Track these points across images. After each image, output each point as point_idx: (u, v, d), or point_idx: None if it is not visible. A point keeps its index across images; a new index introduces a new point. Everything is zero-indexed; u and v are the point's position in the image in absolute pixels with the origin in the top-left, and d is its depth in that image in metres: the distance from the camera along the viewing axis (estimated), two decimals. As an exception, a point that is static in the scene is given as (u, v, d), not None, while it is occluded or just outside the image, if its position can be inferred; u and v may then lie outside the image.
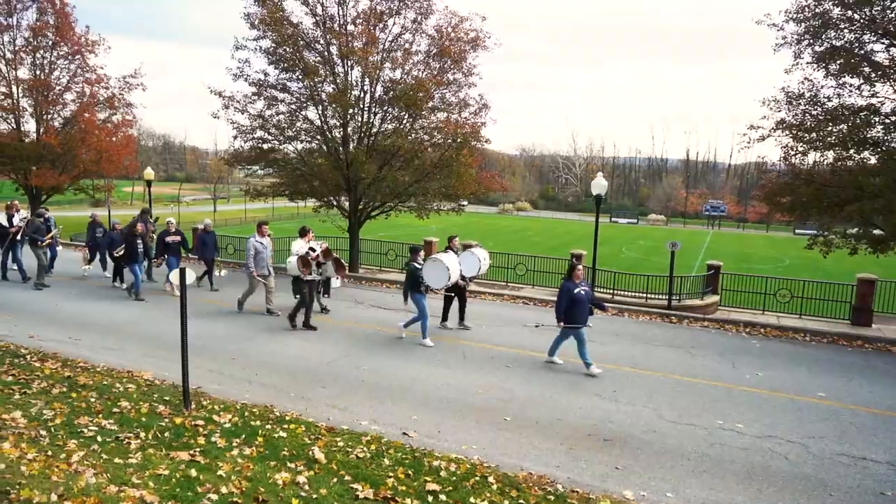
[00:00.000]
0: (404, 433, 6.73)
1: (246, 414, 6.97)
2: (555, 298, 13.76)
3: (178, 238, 14.27)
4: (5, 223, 14.82)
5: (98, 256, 16.07)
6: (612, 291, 15.78)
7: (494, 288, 16.09)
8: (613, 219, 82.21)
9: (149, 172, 22.74)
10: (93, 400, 7.06)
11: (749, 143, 14.21)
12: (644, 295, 15.37)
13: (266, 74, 17.72)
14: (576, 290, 9.27)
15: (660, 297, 15.09)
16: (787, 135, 13.62)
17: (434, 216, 18.83)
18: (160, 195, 71.32)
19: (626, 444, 6.68)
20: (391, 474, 5.57)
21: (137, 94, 27.02)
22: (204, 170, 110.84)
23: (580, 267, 9.75)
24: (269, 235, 12.77)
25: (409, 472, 5.65)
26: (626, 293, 15.73)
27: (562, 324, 9.30)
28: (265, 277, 12.16)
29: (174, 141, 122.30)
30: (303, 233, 11.76)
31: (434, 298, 11.76)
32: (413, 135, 17.86)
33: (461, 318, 11.79)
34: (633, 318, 13.44)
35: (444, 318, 11.77)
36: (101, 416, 6.55)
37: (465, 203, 19.80)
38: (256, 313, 12.33)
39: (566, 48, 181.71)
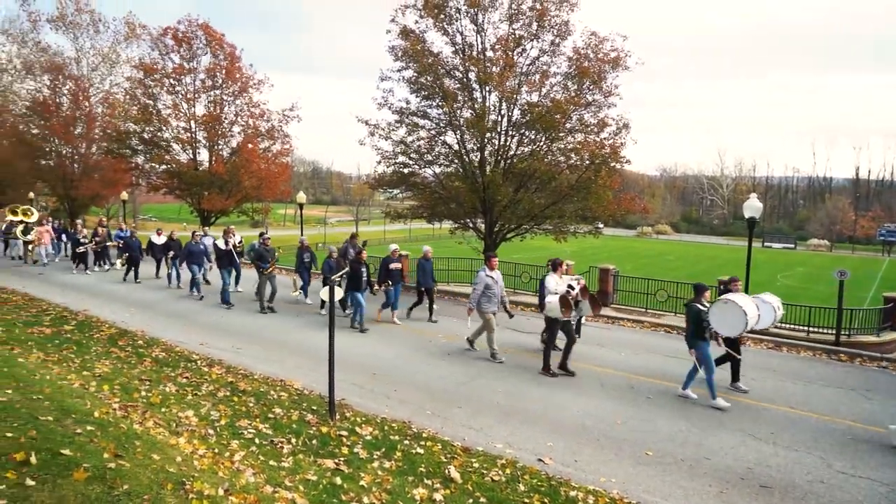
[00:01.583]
0: (539, 459, 6.61)
1: (386, 428, 7.22)
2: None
3: (399, 265, 13.83)
4: (223, 246, 15.76)
5: (306, 283, 15.99)
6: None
7: (633, 314, 15.42)
8: (767, 243, 75.80)
9: (301, 196, 24.66)
10: (251, 405, 7.68)
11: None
12: (805, 328, 13.90)
13: (408, 102, 18.61)
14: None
15: (824, 331, 13.56)
16: None
17: (570, 239, 18.50)
18: (309, 217, 76.83)
19: (788, 493, 6.03)
20: (526, 501, 5.49)
21: (293, 126, 29.43)
22: (347, 193, 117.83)
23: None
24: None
25: (545, 500, 5.53)
26: (783, 325, 14.34)
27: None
28: (489, 315, 10.65)
29: (322, 167, 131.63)
30: (556, 266, 10.43)
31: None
32: (549, 157, 17.76)
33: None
34: (793, 353, 12.20)
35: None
36: (258, 420, 7.11)
37: (602, 226, 19.23)
38: (388, 330, 12.80)
39: (709, 61, 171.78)
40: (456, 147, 18.44)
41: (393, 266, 13.58)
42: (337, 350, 7.50)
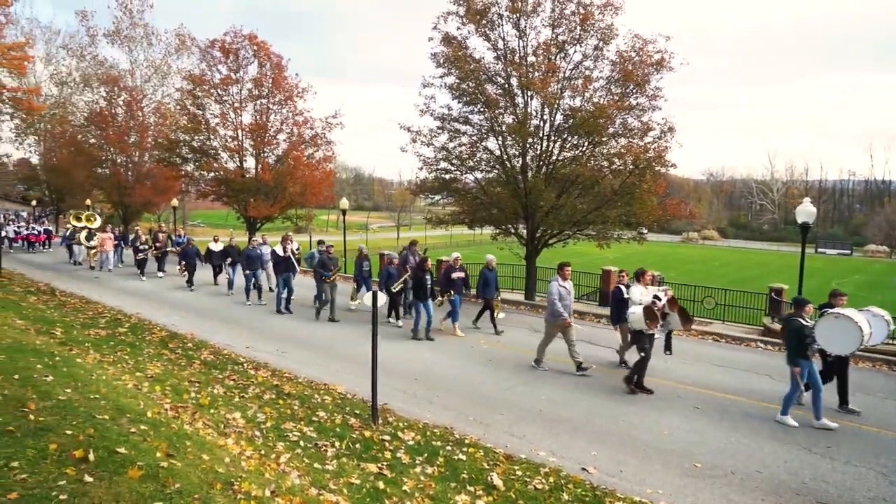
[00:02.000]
0: (583, 468, 6.51)
1: (428, 433, 7.24)
2: (751, 336, 12.61)
3: (462, 274, 13.45)
4: (281, 252, 15.64)
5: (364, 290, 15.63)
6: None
7: (679, 322, 15.05)
8: (820, 249, 72.93)
9: (344, 203, 25.02)
10: (296, 408, 7.81)
11: None
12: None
13: (449, 109, 18.65)
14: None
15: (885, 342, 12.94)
16: None
17: (614, 245, 18.22)
18: (351, 223, 77.88)
19: (846, 509, 5.78)
20: (571, 510, 5.41)
21: (336, 133, 30.00)
22: (389, 199, 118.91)
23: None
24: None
25: (590, 510, 5.44)
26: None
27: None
28: (567, 327, 10.28)
29: (364, 173, 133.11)
30: (640, 275, 9.96)
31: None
32: (592, 161, 17.55)
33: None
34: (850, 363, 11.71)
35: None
36: (302, 423, 7.22)
37: (646, 231, 18.86)
38: (438, 339, 12.83)
39: (757, 61, 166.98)
40: (497, 153, 18.39)
41: (455, 275, 13.26)
42: (379, 355, 7.56)
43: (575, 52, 17.23)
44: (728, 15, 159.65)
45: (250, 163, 29.29)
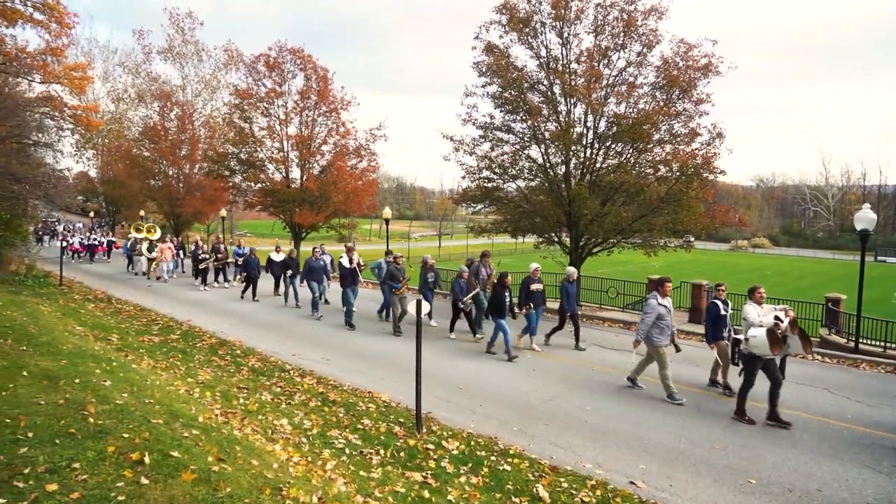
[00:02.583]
0: (631, 482, 6.36)
1: (472, 443, 7.20)
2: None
3: (541, 286, 12.67)
4: (347, 264, 14.91)
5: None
6: (883, 344, 13.31)
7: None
8: (880, 257, 69.82)
9: (387, 212, 25.28)
10: (341, 415, 7.89)
11: None
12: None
13: (492, 118, 18.70)
14: None
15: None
16: None
17: (660, 253, 17.86)
18: (393, 232, 78.62)
19: (913, 531, 5.48)
20: (619, 525, 5.29)
21: (380, 144, 30.39)
22: (430, 208, 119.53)
23: None
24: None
25: (639, 525, 5.31)
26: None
27: None
28: (662, 349, 9.37)
29: (406, 182, 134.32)
30: (753, 293, 9.00)
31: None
32: (637, 169, 17.28)
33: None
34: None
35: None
36: (347, 430, 7.28)
37: (693, 239, 18.41)
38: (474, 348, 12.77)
39: (810, 62, 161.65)
40: (540, 161, 18.31)
41: (534, 287, 12.42)
42: (426, 363, 7.58)
43: (618, 58, 17.10)
44: (777, 14, 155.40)
45: (296, 173, 29.95)
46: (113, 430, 4.80)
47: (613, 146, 17.39)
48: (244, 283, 18.93)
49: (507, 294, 11.77)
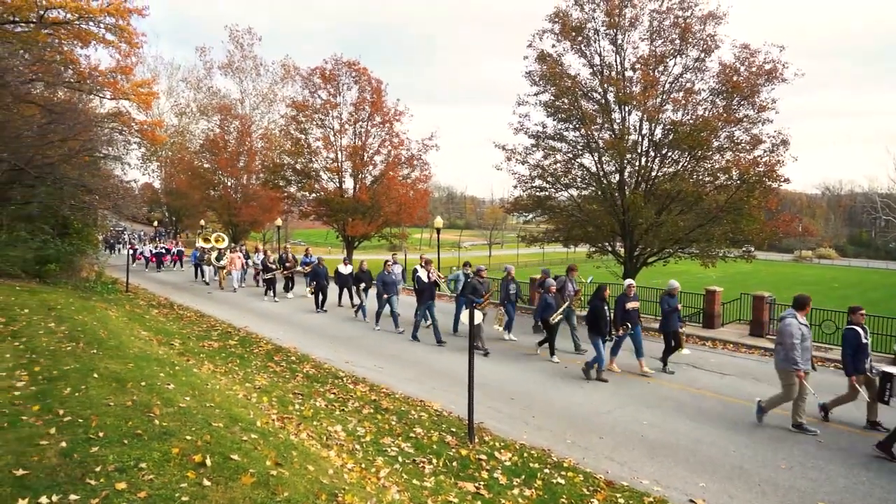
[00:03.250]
0: (691, 500, 6.14)
1: (525, 455, 7.10)
2: (880, 364, 11.49)
3: (637, 304, 11.85)
4: (425, 278, 14.10)
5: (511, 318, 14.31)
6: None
7: (794, 347, 13.97)
8: (957, 269, 65.82)
9: (438, 221, 25.45)
10: (393, 423, 7.92)
11: None
12: None
13: (544, 126, 18.62)
14: None
15: None
16: None
17: (718, 263, 17.29)
18: (443, 241, 79.01)
19: None
20: (680, 545, 5.11)
21: (431, 153, 30.71)
22: (481, 217, 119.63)
23: None
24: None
25: (701, 546, 5.11)
26: None
27: None
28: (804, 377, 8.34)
29: (456, 191, 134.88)
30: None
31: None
32: (695, 177, 16.83)
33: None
34: None
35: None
36: (400, 438, 7.30)
37: (753, 249, 17.74)
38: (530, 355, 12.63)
39: (881, 65, 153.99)
40: (593, 169, 18.10)
41: (630, 305, 11.53)
42: (478, 373, 7.54)
43: (675, 64, 16.76)
44: (841, 17, 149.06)
45: (349, 183, 30.53)
46: (176, 433, 4.96)
47: (670, 154, 17.02)
48: (314, 294, 18.26)
49: (606, 309, 10.99)
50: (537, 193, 19.02)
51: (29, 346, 7.86)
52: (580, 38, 17.41)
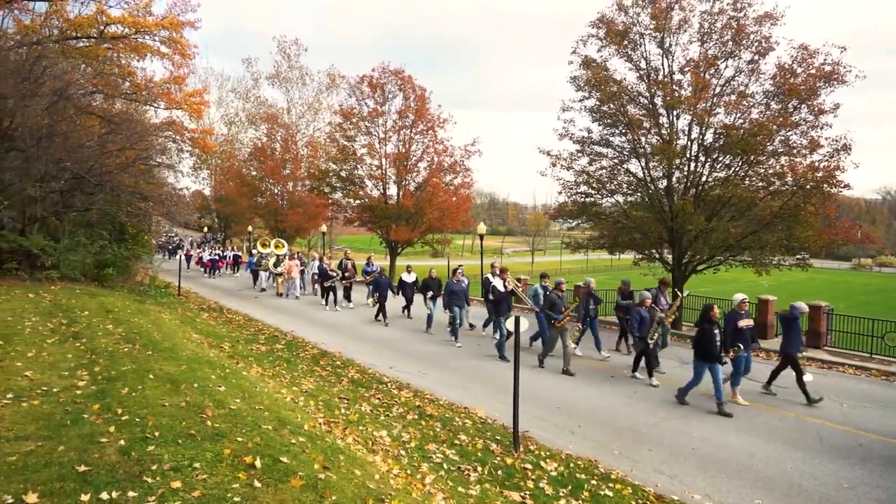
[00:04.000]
0: (747, 517, 5.92)
1: (571, 465, 6.99)
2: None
3: (751, 322, 10.24)
4: (501, 288, 13.29)
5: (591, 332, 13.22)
6: None
7: (854, 359, 13.39)
8: None
9: (481, 227, 25.36)
10: (438, 429, 7.90)
11: None
12: None
13: (589, 132, 18.41)
14: None
15: None
16: None
17: (772, 271, 16.70)
18: (486, 247, 78.85)
19: None
20: (736, 563, 4.92)
21: (474, 160, 30.74)
22: (523, 223, 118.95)
23: None
24: None
25: (759, 565, 4.91)
26: None
27: None
28: None
29: (498, 197, 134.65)
30: None
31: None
32: (747, 182, 16.32)
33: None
34: None
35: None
36: (444, 445, 7.28)
37: (808, 256, 17.04)
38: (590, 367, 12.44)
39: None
40: (640, 175, 17.78)
41: (743, 324, 9.99)
42: (522, 381, 7.46)
43: (726, 67, 16.30)
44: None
45: (392, 190, 30.82)
46: (228, 434, 5.06)
47: (721, 158, 16.55)
48: (377, 305, 17.37)
49: (716, 331, 9.57)
50: (582, 199, 18.79)
51: (89, 346, 8.18)
52: (625, 43, 17.17)
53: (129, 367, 7.08)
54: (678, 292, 13.61)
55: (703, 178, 16.90)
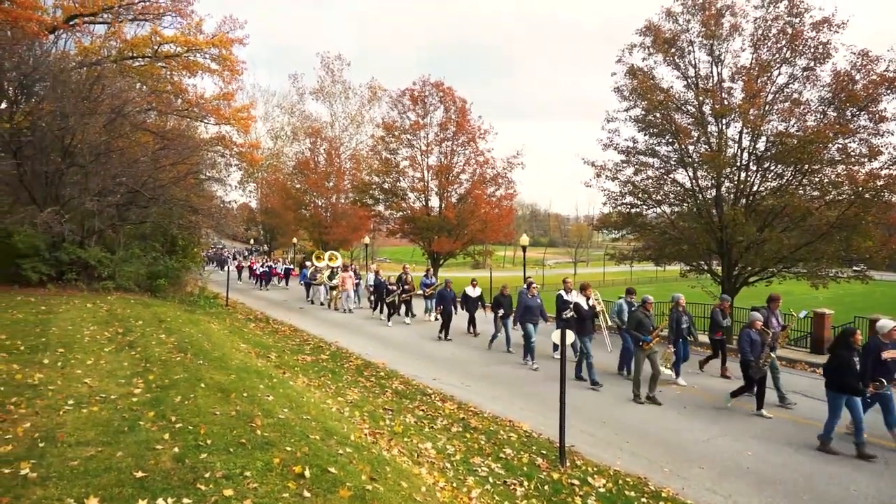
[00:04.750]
0: (809, 542, 5.64)
1: (620, 482, 6.81)
2: None
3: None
4: (586, 305, 11.81)
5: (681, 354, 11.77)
6: None
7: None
8: None
9: (524, 239, 25.23)
10: (482, 442, 7.82)
11: None
12: None
13: (635, 141, 18.14)
14: None
15: None
16: None
17: (830, 284, 16.01)
18: (528, 259, 78.35)
19: None
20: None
21: (517, 172, 30.60)
22: (565, 235, 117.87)
23: None
24: None
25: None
26: None
27: None
28: None
29: (539, 209, 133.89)
30: None
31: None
32: (801, 191, 15.75)
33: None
34: None
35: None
36: (490, 458, 7.20)
37: (867, 268, 16.23)
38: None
39: None
40: (688, 185, 17.39)
41: (888, 355, 8.40)
42: (567, 395, 7.33)
43: (779, 73, 15.82)
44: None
45: (434, 202, 30.96)
46: (277, 443, 5.11)
47: (773, 167, 16.04)
48: (441, 321, 16.34)
49: (856, 360, 8.16)
50: (628, 210, 18.48)
51: (144, 355, 8.42)
52: (673, 51, 16.88)
53: (181, 376, 7.25)
54: (793, 312, 12.32)
55: (755, 188, 16.40)
